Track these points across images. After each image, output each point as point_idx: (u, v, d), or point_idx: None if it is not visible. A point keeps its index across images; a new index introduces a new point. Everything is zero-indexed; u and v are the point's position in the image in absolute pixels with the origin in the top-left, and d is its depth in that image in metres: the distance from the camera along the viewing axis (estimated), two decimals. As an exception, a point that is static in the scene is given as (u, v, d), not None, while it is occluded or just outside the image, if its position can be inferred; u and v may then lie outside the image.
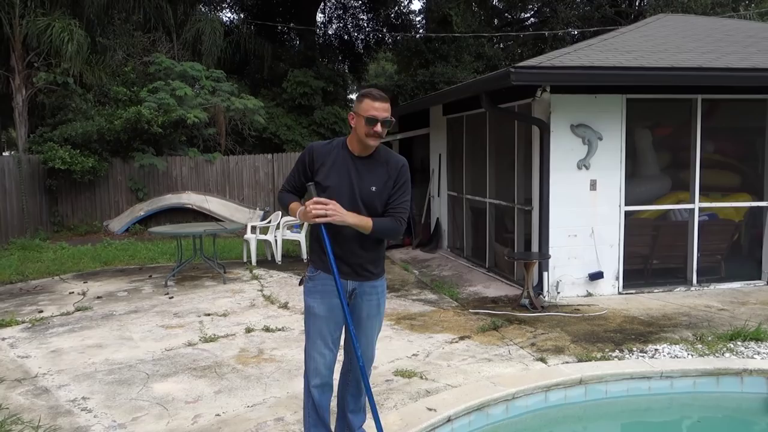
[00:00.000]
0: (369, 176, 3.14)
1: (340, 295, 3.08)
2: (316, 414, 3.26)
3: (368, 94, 3.10)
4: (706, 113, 7.33)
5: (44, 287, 8.32)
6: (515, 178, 7.86)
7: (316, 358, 3.20)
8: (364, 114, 3.05)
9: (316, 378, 3.22)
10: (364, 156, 3.16)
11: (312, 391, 3.23)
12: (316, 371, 3.21)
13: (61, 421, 4.00)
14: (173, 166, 14.51)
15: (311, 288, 3.22)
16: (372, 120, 3.04)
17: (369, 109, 3.05)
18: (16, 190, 12.33)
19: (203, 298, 7.50)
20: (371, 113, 3.04)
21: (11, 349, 5.58)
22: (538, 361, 4.97)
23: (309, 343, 3.23)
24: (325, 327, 3.19)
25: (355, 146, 3.16)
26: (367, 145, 3.11)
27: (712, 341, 5.29)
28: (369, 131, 3.05)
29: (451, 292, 7.51)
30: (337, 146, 3.19)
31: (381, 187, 3.13)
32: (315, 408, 3.25)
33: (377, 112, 3.04)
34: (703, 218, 7.48)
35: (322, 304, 3.18)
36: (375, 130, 3.04)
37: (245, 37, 19.45)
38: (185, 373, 4.89)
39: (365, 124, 3.04)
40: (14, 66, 13.89)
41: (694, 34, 9.15)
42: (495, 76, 7.22)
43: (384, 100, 3.09)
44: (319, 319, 3.19)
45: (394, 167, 3.18)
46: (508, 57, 22.45)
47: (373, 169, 3.16)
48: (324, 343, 3.20)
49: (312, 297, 3.21)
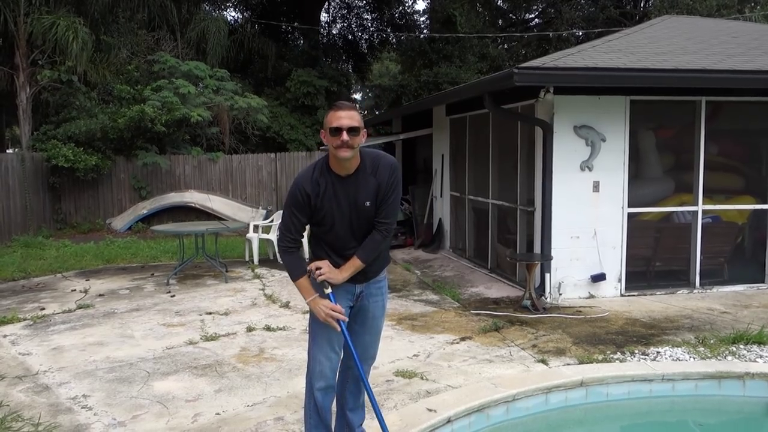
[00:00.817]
0: (360, 194, 3.04)
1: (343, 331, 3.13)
2: (318, 416, 3.25)
3: (332, 106, 3.01)
4: (710, 115, 7.30)
5: (46, 285, 8.33)
6: (518, 179, 7.84)
7: (323, 362, 3.19)
8: (329, 125, 2.93)
9: (321, 381, 3.20)
10: (350, 174, 3.04)
11: (315, 393, 3.21)
12: (321, 374, 3.19)
13: (62, 419, 4.01)
14: (176, 165, 14.53)
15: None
16: (336, 129, 2.89)
17: (332, 120, 2.92)
18: (20, 187, 12.36)
19: (205, 296, 7.50)
20: (334, 123, 2.90)
21: (13, 347, 5.59)
22: (539, 362, 4.96)
23: (315, 346, 3.21)
24: (333, 331, 3.16)
25: (335, 164, 3.03)
26: (340, 159, 2.95)
27: (715, 344, 5.27)
28: (336, 142, 2.90)
29: (453, 293, 7.50)
30: (321, 172, 3.04)
31: (373, 199, 3.07)
32: (317, 410, 3.24)
33: (341, 121, 2.90)
34: (706, 220, 7.46)
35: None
36: (342, 139, 2.88)
37: (249, 36, 19.47)
38: (186, 371, 4.89)
39: (330, 135, 2.92)
40: (19, 64, 13.92)
41: (698, 36, 9.12)
42: (498, 77, 7.21)
43: (348, 108, 2.96)
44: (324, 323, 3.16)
45: (382, 174, 3.07)
46: (512, 58, 22.43)
47: (363, 184, 3.05)
48: (331, 347, 3.19)
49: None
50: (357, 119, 2.95)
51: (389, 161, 3.13)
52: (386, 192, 3.07)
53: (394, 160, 3.18)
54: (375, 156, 3.12)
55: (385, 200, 3.08)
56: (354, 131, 2.91)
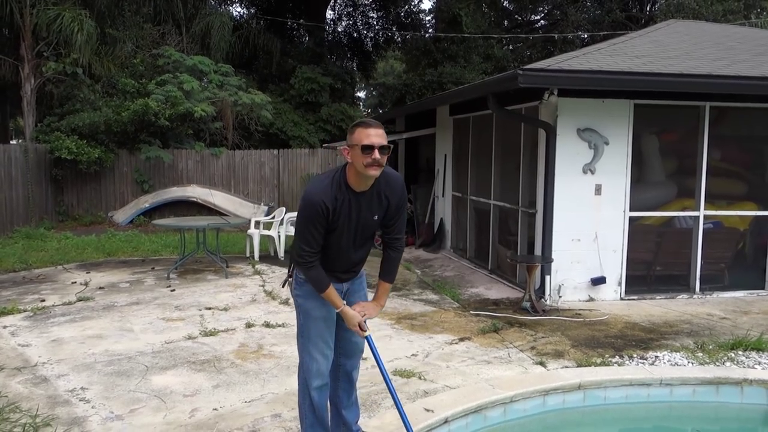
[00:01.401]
0: (371, 208, 3.09)
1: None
2: (314, 415, 3.24)
3: (360, 123, 2.98)
4: (714, 121, 7.29)
5: (47, 276, 8.35)
6: (520, 181, 7.84)
7: (319, 360, 3.19)
8: (359, 143, 2.89)
9: (318, 379, 3.19)
10: (365, 190, 3.04)
11: (312, 393, 3.20)
12: (318, 373, 3.19)
13: (59, 411, 4.02)
14: (179, 159, 14.54)
15: (309, 291, 3.17)
16: (368, 147, 2.87)
17: (363, 137, 2.89)
18: (22, 178, 12.37)
19: (205, 291, 7.51)
20: (365, 141, 2.88)
21: (12, 338, 5.60)
22: (538, 364, 4.96)
23: (310, 345, 3.21)
24: (325, 328, 3.19)
25: (354, 181, 3.00)
26: (368, 177, 2.95)
27: (713, 350, 5.27)
28: (367, 160, 2.88)
29: (453, 293, 7.50)
30: (339, 187, 3.00)
31: (382, 213, 3.14)
32: (314, 409, 3.23)
33: (372, 139, 2.88)
34: (707, 226, 7.45)
35: (324, 307, 3.17)
36: (374, 157, 2.87)
37: (254, 32, 19.47)
38: (184, 366, 4.89)
39: (362, 153, 2.88)
40: (23, 55, 13.93)
41: (704, 41, 9.10)
42: (503, 78, 7.20)
43: (378, 127, 2.95)
44: (320, 321, 3.18)
45: (392, 191, 3.11)
46: (517, 59, 22.40)
47: (375, 200, 3.10)
48: (326, 345, 3.20)
49: (311, 300, 3.18)
50: (385, 137, 2.96)
51: (399, 180, 3.19)
52: (397, 209, 3.17)
53: (401, 177, 3.24)
54: (386, 173, 3.08)
55: (397, 217, 3.19)
56: (384, 150, 2.91)
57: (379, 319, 6.32)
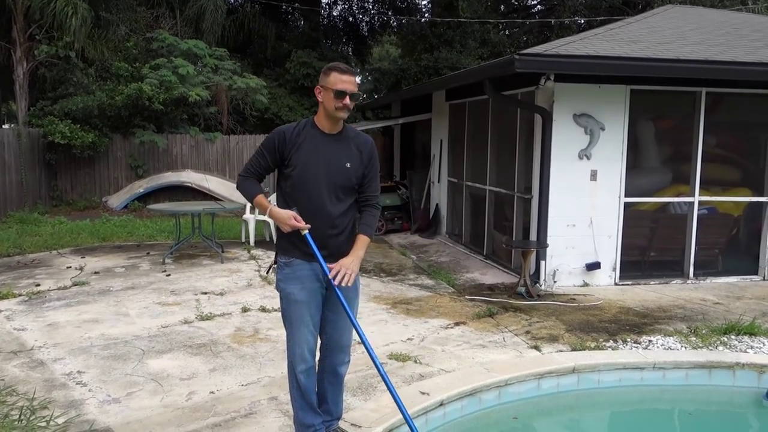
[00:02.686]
0: (341, 153, 3.10)
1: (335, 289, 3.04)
2: (302, 398, 3.20)
3: (336, 68, 3.06)
4: (710, 107, 7.30)
5: (42, 261, 8.33)
6: (516, 166, 7.84)
7: (302, 344, 3.13)
8: (333, 87, 3.01)
9: (302, 364, 3.15)
10: (334, 133, 3.13)
11: (298, 376, 3.16)
12: (302, 357, 3.14)
13: (56, 394, 4.03)
14: (173, 144, 14.47)
15: (289, 274, 3.14)
16: (341, 93, 3.00)
17: (337, 82, 3.01)
18: (16, 163, 12.30)
19: (200, 276, 7.51)
20: (340, 86, 3.00)
21: (8, 322, 5.60)
22: (533, 348, 4.99)
23: (293, 329, 3.15)
24: (307, 312, 3.12)
25: (324, 123, 3.12)
26: (336, 119, 3.08)
27: (706, 334, 5.31)
28: (338, 104, 3.01)
29: (448, 278, 7.53)
30: (305, 126, 3.14)
31: (355, 163, 3.12)
32: (301, 393, 3.19)
33: (346, 85, 3.01)
34: (702, 212, 7.48)
35: (303, 290, 3.11)
36: (344, 103, 3.01)
37: (249, 16, 19.28)
38: (180, 350, 4.91)
39: (334, 97, 3.01)
40: (16, 38, 13.76)
41: (701, 27, 9.08)
42: (499, 63, 7.18)
43: (351, 74, 3.05)
44: (301, 305, 3.12)
45: (363, 144, 3.17)
46: (513, 44, 22.30)
47: (345, 145, 3.13)
48: (308, 329, 3.14)
49: (291, 283, 3.13)
50: (357, 86, 3.08)
51: (369, 138, 3.28)
52: (369, 162, 3.17)
53: (371, 138, 3.30)
54: (353, 128, 3.26)
55: (370, 174, 3.17)
56: (355, 97, 3.05)
57: (374, 303, 6.35)
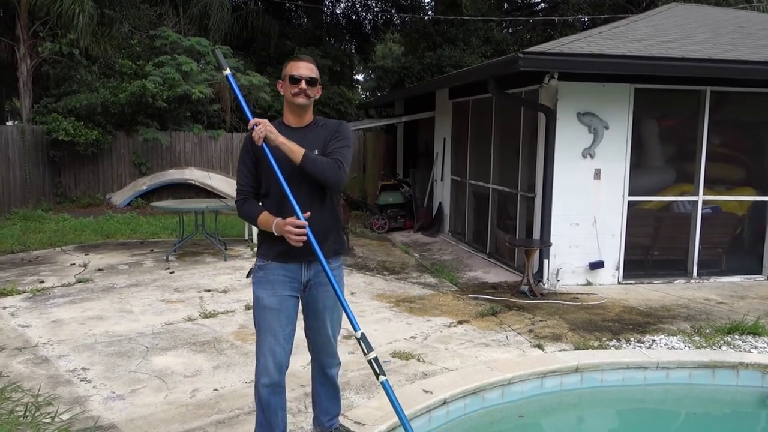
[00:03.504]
0: (309, 144, 2.97)
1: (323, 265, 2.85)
2: (262, 414, 2.99)
3: (292, 58, 3.07)
4: (714, 105, 7.29)
5: (46, 258, 8.35)
6: (519, 165, 7.84)
7: (266, 355, 2.94)
8: (288, 74, 3.00)
9: (265, 377, 2.94)
10: (302, 126, 3.05)
11: (260, 390, 2.95)
12: (265, 369, 2.93)
13: (61, 391, 4.04)
14: (177, 142, 14.49)
15: (261, 278, 2.99)
16: (295, 78, 2.96)
17: (292, 69, 3.00)
18: (20, 160, 12.33)
19: (204, 274, 7.53)
20: (294, 72, 2.98)
21: (12, 318, 5.62)
22: (536, 347, 4.99)
23: (259, 337, 2.98)
24: (275, 321, 2.93)
25: (289, 117, 3.06)
26: (298, 107, 2.99)
27: (710, 334, 5.31)
28: (294, 90, 2.96)
29: (451, 277, 7.53)
30: (275, 125, 3.02)
31: (322, 148, 3.00)
32: (262, 408, 2.99)
33: (301, 71, 2.98)
34: (706, 211, 7.47)
35: (273, 296, 2.94)
36: (300, 87, 2.96)
37: (253, 13, 19.29)
38: (184, 347, 4.92)
39: (290, 83, 2.98)
40: (20, 35, 13.80)
41: (705, 25, 9.05)
42: (503, 61, 7.17)
43: (309, 61, 3.03)
44: (268, 312, 2.94)
45: (332, 126, 3.10)
46: (517, 42, 22.24)
47: (313, 135, 3.03)
48: (275, 340, 2.93)
49: (262, 288, 2.97)
50: (316, 72, 3.02)
51: (340, 121, 3.21)
52: (334, 133, 3.03)
53: (345, 122, 3.22)
54: (325, 119, 3.18)
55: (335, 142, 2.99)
56: (312, 82, 2.99)
57: (377, 301, 6.36)
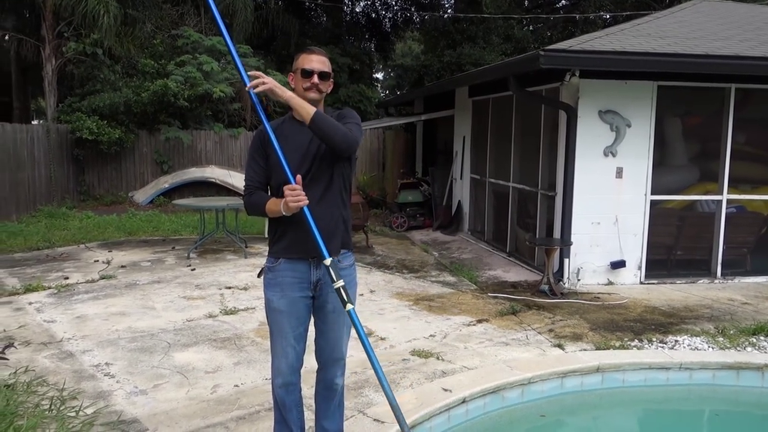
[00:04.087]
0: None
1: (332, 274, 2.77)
2: (279, 413, 3.05)
3: (304, 50, 2.97)
4: (739, 103, 7.17)
5: (70, 255, 8.48)
6: (539, 163, 7.78)
7: (279, 356, 2.97)
8: (300, 67, 2.91)
9: (278, 377, 2.99)
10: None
11: (276, 390, 3.01)
12: (278, 370, 2.99)
13: (85, 385, 4.10)
14: (198, 140, 14.62)
15: (270, 280, 2.96)
16: (307, 72, 2.88)
17: (304, 62, 2.91)
18: (45, 158, 12.53)
19: (224, 271, 7.59)
20: (306, 65, 2.90)
21: (38, 314, 5.72)
22: (556, 347, 4.96)
23: (272, 339, 3.00)
24: (285, 323, 2.93)
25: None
26: (308, 101, 2.86)
27: (734, 335, 5.23)
28: (306, 84, 2.88)
29: (471, 275, 7.51)
30: (284, 121, 2.99)
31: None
32: (278, 406, 3.04)
33: (313, 65, 2.90)
34: (730, 210, 7.36)
35: (283, 298, 2.92)
36: (312, 82, 2.88)
37: (273, 12, 19.40)
38: (205, 343, 4.97)
39: (301, 77, 2.89)
40: (45, 36, 14.03)
41: (731, 21, 8.91)
42: (524, 59, 7.12)
43: (321, 54, 2.95)
44: (279, 314, 2.94)
45: (339, 113, 2.98)
46: (538, 40, 22.08)
47: None
48: (286, 341, 2.95)
49: (272, 290, 2.95)
50: (328, 65, 2.95)
51: (348, 109, 3.09)
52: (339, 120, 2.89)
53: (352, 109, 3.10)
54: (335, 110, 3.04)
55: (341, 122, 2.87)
56: (324, 76, 2.92)
57: (397, 300, 6.36)
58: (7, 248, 8.72)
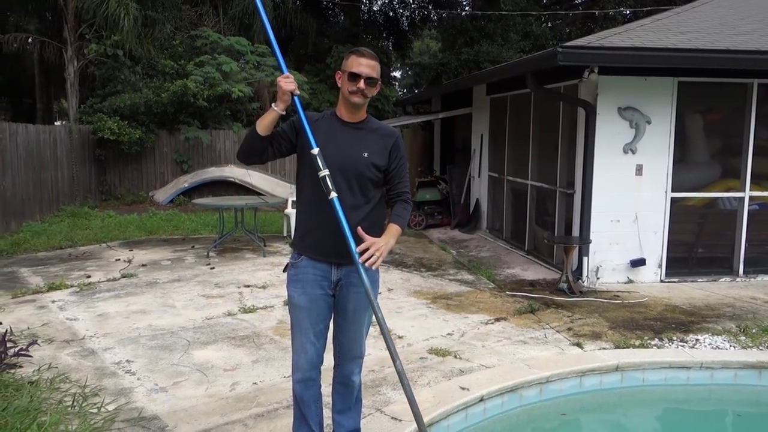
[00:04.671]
0: (359, 142, 2.91)
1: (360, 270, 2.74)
2: (299, 408, 3.08)
3: (355, 51, 2.91)
4: (762, 99, 7.05)
5: (92, 254, 8.61)
6: (558, 161, 7.73)
7: (299, 352, 3.00)
8: (348, 69, 2.86)
9: (297, 372, 3.02)
10: (354, 122, 2.95)
11: (294, 385, 3.04)
12: (297, 366, 3.01)
13: (107, 382, 4.17)
14: (217, 140, 14.75)
15: (293, 276, 2.98)
16: (354, 75, 2.83)
17: (353, 65, 2.85)
18: (67, 158, 12.72)
19: (243, 269, 7.65)
20: (355, 69, 2.84)
21: (60, 312, 5.81)
22: (575, 345, 4.93)
23: (293, 335, 3.03)
24: (306, 319, 2.95)
25: (342, 110, 2.95)
26: (352, 105, 2.88)
27: (757, 334, 5.15)
28: (351, 88, 2.84)
29: (489, 274, 7.48)
30: (326, 115, 3.00)
31: (375, 154, 2.92)
32: (297, 402, 3.07)
33: (361, 68, 2.84)
34: (753, 207, 7.24)
35: (303, 295, 2.94)
36: (358, 86, 2.83)
37: (291, 12, 19.48)
38: (224, 341, 5.01)
39: (348, 80, 2.85)
40: (67, 38, 14.24)
41: (752, 15, 8.76)
42: (542, 56, 7.08)
43: (371, 58, 2.88)
44: (299, 310, 2.96)
45: (387, 135, 2.98)
46: (556, 36, 21.91)
47: (364, 135, 2.94)
48: (305, 337, 2.97)
49: (293, 286, 2.97)
50: (377, 71, 2.89)
51: (395, 129, 3.10)
52: (394, 155, 2.96)
53: (397, 130, 3.15)
54: (378, 120, 3.08)
55: (397, 166, 2.97)
56: (371, 81, 2.87)
57: (414, 298, 6.37)
58: (31, 247, 8.88)
